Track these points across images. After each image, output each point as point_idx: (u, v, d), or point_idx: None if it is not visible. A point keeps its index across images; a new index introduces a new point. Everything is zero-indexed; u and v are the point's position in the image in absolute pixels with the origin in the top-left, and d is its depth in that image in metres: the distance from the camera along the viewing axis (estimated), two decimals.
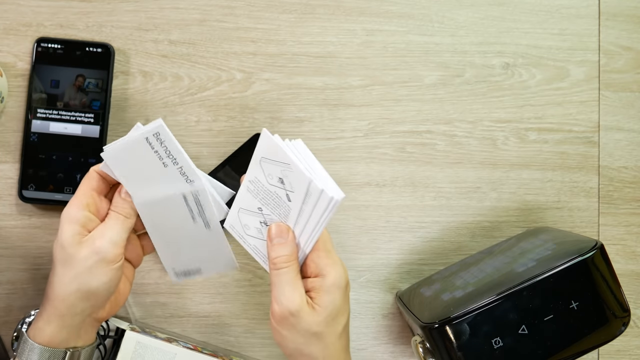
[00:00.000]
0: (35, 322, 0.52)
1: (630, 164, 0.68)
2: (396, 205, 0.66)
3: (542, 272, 0.52)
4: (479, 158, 0.67)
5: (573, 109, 0.68)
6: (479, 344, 0.52)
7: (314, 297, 0.50)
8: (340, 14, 0.66)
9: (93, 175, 0.52)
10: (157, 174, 0.51)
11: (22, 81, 0.63)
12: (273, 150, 0.49)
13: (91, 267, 0.49)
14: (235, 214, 0.53)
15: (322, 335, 0.50)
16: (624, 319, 0.53)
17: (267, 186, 0.51)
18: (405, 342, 0.66)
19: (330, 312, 0.50)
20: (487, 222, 0.67)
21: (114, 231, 0.50)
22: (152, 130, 0.49)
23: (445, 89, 0.67)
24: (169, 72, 0.65)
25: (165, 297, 0.64)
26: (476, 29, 0.67)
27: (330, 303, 0.50)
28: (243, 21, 0.65)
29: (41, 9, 0.64)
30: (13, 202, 0.63)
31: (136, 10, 0.64)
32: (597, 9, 0.68)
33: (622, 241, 0.68)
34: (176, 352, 0.60)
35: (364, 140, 0.66)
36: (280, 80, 0.65)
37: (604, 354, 0.68)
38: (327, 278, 0.50)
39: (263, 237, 0.53)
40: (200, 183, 0.52)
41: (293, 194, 0.49)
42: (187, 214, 0.54)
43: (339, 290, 0.50)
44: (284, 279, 0.50)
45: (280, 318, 0.50)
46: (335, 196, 0.47)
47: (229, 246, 0.55)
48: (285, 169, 0.49)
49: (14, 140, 0.63)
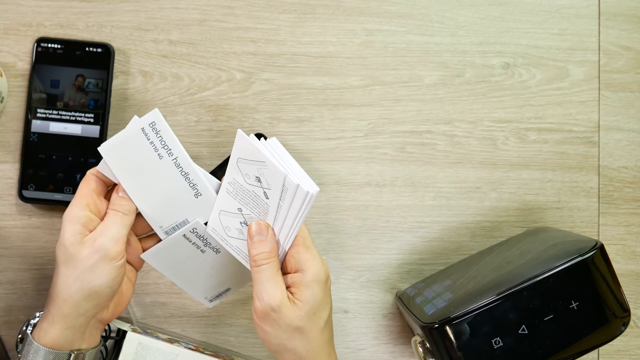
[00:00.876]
0: (39, 324, 0.52)
1: (630, 164, 0.68)
2: (396, 205, 0.66)
3: (542, 272, 0.52)
4: (479, 158, 0.67)
5: (573, 109, 0.68)
6: (479, 344, 0.52)
7: (294, 293, 0.51)
8: (340, 14, 0.66)
9: (91, 177, 0.52)
10: (153, 166, 0.51)
11: (22, 81, 0.63)
12: (248, 149, 0.50)
13: (93, 265, 0.49)
14: (216, 216, 0.54)
15: (304, 330, 0.51)
16: (624, 319, 0.53)
17: (245, 186, 0.51)
18: (405, 342, 0.66)
19: (312, 306, 0.51)
20: (487, 222, 0.67)
21: (114, 229, 0.51)
22: (148, 120, 0.50)
23: (445, 89, 0.67)
24: (169, 72, 0.65)
25: (165, 297, 0.64)
26: (476, 29, 0.67)
27: (310, 297, 0.50)
28: (243, 21, 0.65)
29: (41, 9, 0.64)
30: (13, 202, 0.63)
31: (136, 10, 0.64)
32: (597, 9, 0.68)
33: (622, 241, 0.68)
34: (177, 353, 0.60)
35: (364, 140, 0.66)
36: (280, 80, 0.65)
37: (604, 354, 0.68)
38: (307, 273, 0.51)
39: (244, 237, 0.53)
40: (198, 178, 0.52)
41: (270, 191, 0.50)
42: (194, 249, 0.55)
43: (319, 285, 0.51)
44: (265, 275, 0.50)
45: (262, 314, 0.50)
46: (310, 190, 0.48)
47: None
48: (261, 167, 0.50)
49: (14, 140, 0.63)
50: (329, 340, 0.53)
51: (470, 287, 0.56)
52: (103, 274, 0.50)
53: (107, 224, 0.51)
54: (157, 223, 0.54)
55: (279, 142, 0.52)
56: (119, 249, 0.50)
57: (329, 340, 0.53)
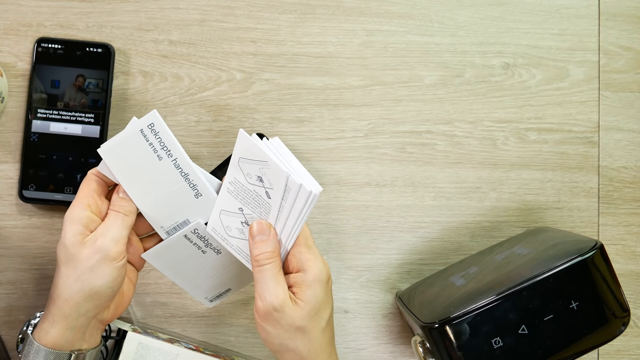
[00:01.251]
0: (40, 324, 0.52)
1: (630, 164, 0.68)
2: (396, 205, 0.66)
3: (542, 272, 0.52)
4: (479, 158, 0.67)
5: (573, 109, 0.68)
6: (479, 344, 0.52)
7: (296, 292, 0.51)
8: (340, 14, 0.66)
9: (92, 178, 0.52)
10: (152, 167, 0.51)
11: (23, 81, 0.63)
12: (251, 149, 0.50)
13: (93, 266, 0.50)
14: (217, 216, 0.54)
15: (306, 330, 0.51)
16: (623, 319, 0.53)
17: (246, 186, 0.51)
18: (405, 342, 0.66)
19: (313, 306, 0.51)
20: (487, 222, 0.67)
21: (114, 229, 0.51)
22: (147, 121, 0.50)
23: (445, 89, 0.67)
24: (169, 72, 0.65)
25: (165, 297, 0.64)
26: (476, 29, 0.67)
27: (312, 297, 0.51)
28: (243, 21, 0.65)
29: (41, 9, 0.64)
30: (13, 202, 0.63)
31: (136, 11, 0.64)
32: (597, 9, 0.68)
33: (622, 241, 0.68)
34: (178, 353, 0.60)
35: (364, 140, 0.66)
36: (280, 81, 0.65)
37: (604, 354, 0.68)
38: (309, 273, 0.51)
39: (245, 237, 0.53)
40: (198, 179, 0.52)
41: (272, 190, 0.50)
42: (195, 250, 0.55)
43: (320, 285, 0.51)
44: (267, 275, 0.50)
45: (264, 314, 0.50)
46: (313, 190, 0.48)
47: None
48: (264, 167, 0.50)
49: (14, 140, 0.63)
50: (330, 340, 0.53)
51: (470, 287, 0.56)
52: (104, 274, 0.50)
53: (107, 225, 0.51)
54: (158, 223, 0.54)
55: (281, 142, 0.52)
56: (119, 250, 0.51)
57: (330, 340, 0.53)
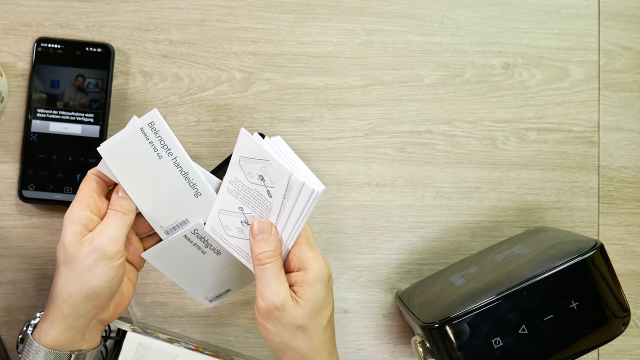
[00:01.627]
0: (39, 324, 0.52)
1: (630, 164, 0.68)
2: (396, 205, 0.66)
3: (542, 272, 0.52)
4: (479, 158, 0.67)
5: (573, 109, 0.68)
6: (479, 344, 0.52)
7: (297, 291, 0.51)
8: (340, 14, 0.66)
9: (91, 177, 0.52)
10: (152, 166, 0.51)
11: (22, 81, 0.63)
12: (252, 148, 0.50)
13: (91, 265, 0.49)
14: (216, 216, 0.53)
15: (307, 329, 0.51)
16: (624, 318, 0.53)
17: (247, 185, 0.51)
18: (405, 342, 0.66)
19: (314, 305, 0.51)
20: (487, 222, 0.67)
21: (112, 228, 0.51)
22: (147, 120, 0.50)
23: (445, 89, 0.67)
24: (169, 72, 0.65)
25: (165, 297, 0.64)
26: (476, 29, 0.67)
27: (313, 296, 0.50)
28: (243, 21, 0.65)
29: (41, 9, 0.64)
30: (13, 202, 0.63)
31: (136, 10, 0.64)
32: (597, 9, 0.68)
33: (622, 241, 0.68)
34: (177, 353, 0.60)
35: (364, 140, 0.66)
36: (280, 80, 0.65)
37: (604, 354, 0.68)
38: (310, 272, 0.51)
39: (245, 237, 0.53)
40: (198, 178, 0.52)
41: (274, 189, 0.50)
42: (195, 250, 0.55)
43: (321, 284, 0.51)
44: (269, 274, 0.50)
45: (265, 313, 0.50)
46: (316, 188, 0.48)
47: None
48: (265, 166, 0.50)
49: (14, 140, 0.63)
50: (331, 339, 0.53)
51: (470, 287, 0.56)
52: (101, 274, 0.50)
53: (106, 224, 0.51)
54: (157, 223, 0.54)
55: (283, 141, 0.52)
56: (117, 249, 0.50)
57: (330, 339, 0.53)
